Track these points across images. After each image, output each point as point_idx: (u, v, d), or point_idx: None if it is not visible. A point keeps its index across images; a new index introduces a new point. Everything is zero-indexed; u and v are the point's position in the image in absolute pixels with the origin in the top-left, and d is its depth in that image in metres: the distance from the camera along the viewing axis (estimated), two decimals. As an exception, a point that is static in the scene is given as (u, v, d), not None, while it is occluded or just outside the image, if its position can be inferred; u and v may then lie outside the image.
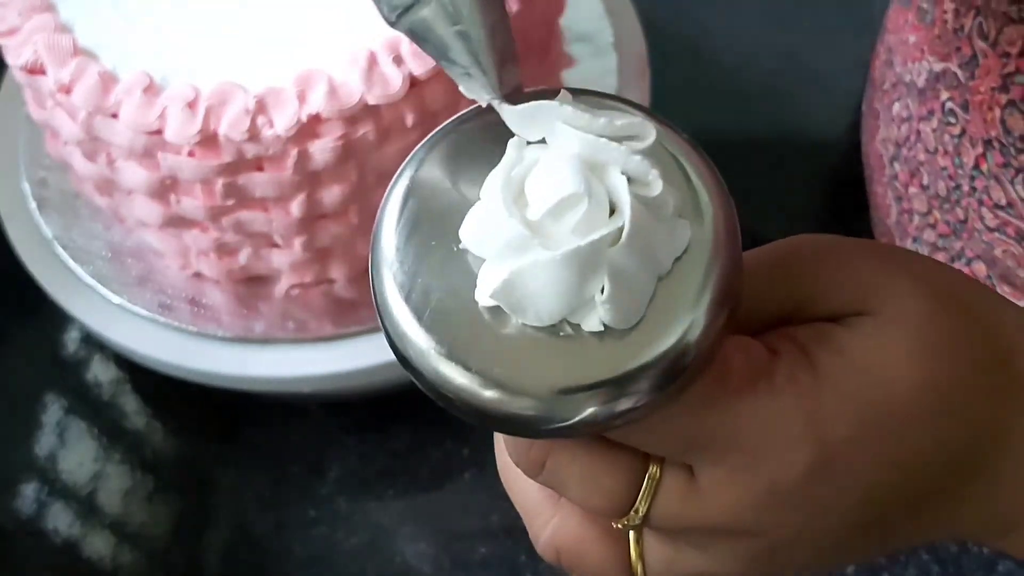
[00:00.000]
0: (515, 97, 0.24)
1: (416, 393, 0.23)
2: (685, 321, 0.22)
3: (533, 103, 0.23)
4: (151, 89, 0.48)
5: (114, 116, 0.48)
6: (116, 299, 0.56)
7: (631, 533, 0.26)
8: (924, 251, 0.52)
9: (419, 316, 0.23)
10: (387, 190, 0.25)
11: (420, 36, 0.24)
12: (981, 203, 0.46)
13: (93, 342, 0.65)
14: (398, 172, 0.25)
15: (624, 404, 0.22)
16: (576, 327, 0.22)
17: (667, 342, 0.22)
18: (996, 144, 0.44)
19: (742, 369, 0.24)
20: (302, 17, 0.51)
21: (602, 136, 0.23)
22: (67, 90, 0.48)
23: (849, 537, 0.25)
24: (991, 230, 0.46)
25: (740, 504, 0.24)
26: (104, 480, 0.62)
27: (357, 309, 0.55)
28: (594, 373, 0.22)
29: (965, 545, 0.56)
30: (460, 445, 0.61)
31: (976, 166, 0.46)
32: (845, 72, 0.73)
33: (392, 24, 0.24)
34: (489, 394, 0.22)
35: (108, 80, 0.48)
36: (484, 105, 0.24)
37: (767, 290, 0.26)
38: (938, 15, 0.47)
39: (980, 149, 0.45)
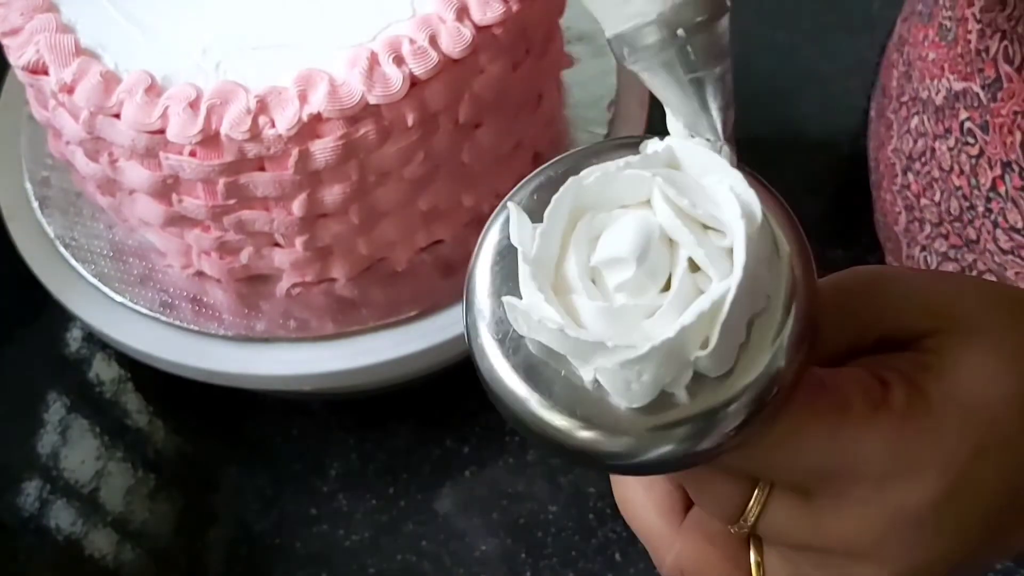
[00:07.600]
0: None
1: (417, 391, 0.24)
2: (769, 356, 0.23)
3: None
4: (153, 89, 0.48)
5: (116, 116, 0.48)
6: (118, 298, 0.56)
7: (752, 555, 0.27)
8: (934, 260, 0.52)
9: (513, 364, 0.23)
10: (483, 231, 0.25)
11: (653, 77, 0.25)
12: (996, 225, 0.46)
13: (95, 341, 0.65)
14: (495, 211, 0.25)
15: (708, 441, 0.23)
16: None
17: (751, 377, 0.22)
18: (1016, 167, 0.44)
19: (861, 401, 0.24)
20: (303, 17, 0.51)
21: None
22: (69, 90, 0.48)
23: (976, 550, 0.26)
24: (1004, 252, 0.46)
25: (861, 531, 0.25)
26: (106, 478, 0.62)
27: (358, 308, 0.55)
28: (681, 412, 0.22)
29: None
30: (461, 443, 0.61)
31: (993, 188, 0.45)
32: (845, 72, 0.73)
33: (626, 64, 0.25)
34: (583, 435, 0.23)
35: (110, 80, 0.48)
36: (710, 144, 0.25)
37: (841, 320, 0.26)
38: (961, 34, 0.46)
39: (998, 171, 0.45)
